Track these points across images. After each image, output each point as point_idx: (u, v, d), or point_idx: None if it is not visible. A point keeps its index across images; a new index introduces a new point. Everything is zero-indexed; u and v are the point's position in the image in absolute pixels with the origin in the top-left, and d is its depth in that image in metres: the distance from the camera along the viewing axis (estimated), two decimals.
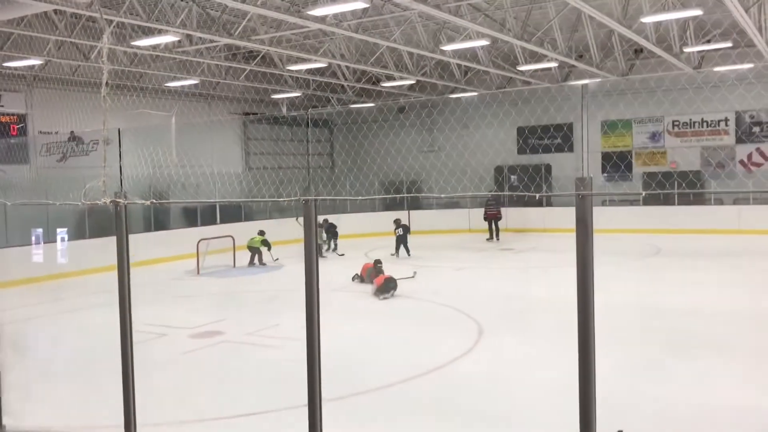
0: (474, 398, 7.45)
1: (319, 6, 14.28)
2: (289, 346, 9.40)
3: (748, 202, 23.73)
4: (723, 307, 11.70)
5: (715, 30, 19.62)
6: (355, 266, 16.22)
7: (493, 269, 16.92)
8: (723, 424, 6.53)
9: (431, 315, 12.15)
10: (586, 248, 3.86)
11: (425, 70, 24.06)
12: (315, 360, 3.72)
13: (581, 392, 3.85)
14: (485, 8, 17.86)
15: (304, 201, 3.47)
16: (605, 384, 5.71)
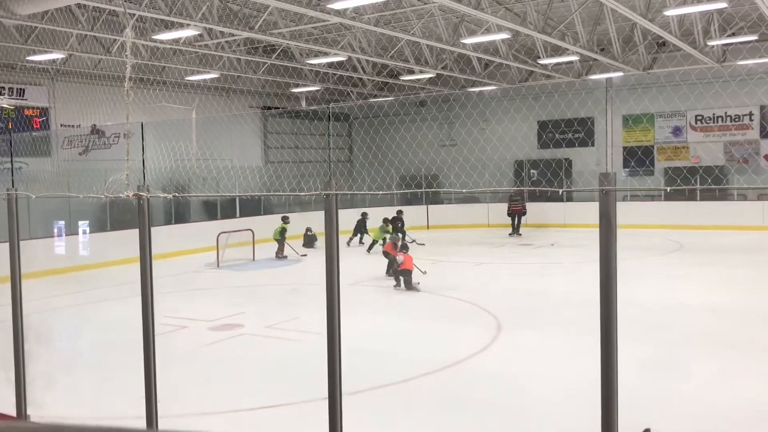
0: (492, 393, 7.43)
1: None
2: (309, 340, 9.42)
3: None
4: (746, 305, 11.56)
5: (741, 23, 19.31)
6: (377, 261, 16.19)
7: (512, 264, 16.84)
8: (745, 422, 6.45)
9: (450, 310, 12.13)
10: (609, 244, 3.82)
11: (445, 64, 23.96)
12: (336, 354, 3.72)
13: (603, 389, 3.81)
14: (506, 1, 17.73)
15: (325, 195, 3.46)
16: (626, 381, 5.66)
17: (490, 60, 23.18)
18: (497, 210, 26.78)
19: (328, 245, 3.61)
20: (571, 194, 26.16)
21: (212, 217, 22.92)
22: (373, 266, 17.76)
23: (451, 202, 29.18)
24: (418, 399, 7.39)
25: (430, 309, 12.37)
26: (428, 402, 7.29)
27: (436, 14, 18.23)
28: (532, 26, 17.34)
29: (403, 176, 29.60)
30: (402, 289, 13.59)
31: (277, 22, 17.62)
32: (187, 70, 23.60)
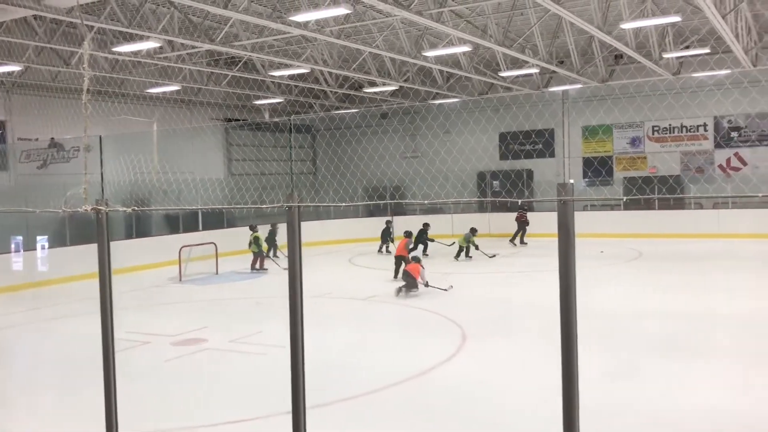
0: (457, 403, 7.47)
1: (302, 12, 14.28)
2: (273, 353, 9.36)
3: (727, 206, 24.00)
4: (704, 311, 11.82)
5: (693, 36, 19.87)
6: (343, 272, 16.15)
7: (477, 274, 16.96)
8: (704, 426, 6.59)
9: (415, 320, 12.16)
10: (568, 253, 3.89)
11: (407, 76, 24.13)
12: (299, 366, 3.71)
13: (564, 396, 3.87)
14: (467, 15, 17.96)
15: (287, 207, 3.46)
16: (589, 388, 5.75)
17: (452, 72, 23.42)
18: (461, 221, 26.96)
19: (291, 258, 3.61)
20: (532, 204, 26.50)
21: (174, 230, 22.64)
22: (338, 277, 17.75)
23: (415, 213, 29.29)
24: (384, 410, 7.39)
25: (395, 320, 12.39)
26: (394, 413, 7.29)
27: (398, 27, 18.37)
28: (493, 39, 17.59)
29: (367, 188, 29.66)
30: (403, 294, 13.86)
31: (239, 35, 17.56)
32: (148, 83, 23.34)
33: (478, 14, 17.75)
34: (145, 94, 24.66)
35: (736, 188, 24.03)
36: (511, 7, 17.30)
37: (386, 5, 13.10)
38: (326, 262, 20.56)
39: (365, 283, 16.53)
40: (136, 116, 23.85)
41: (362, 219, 27.45)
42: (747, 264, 17.68)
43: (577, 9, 15.93)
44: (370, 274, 18.41)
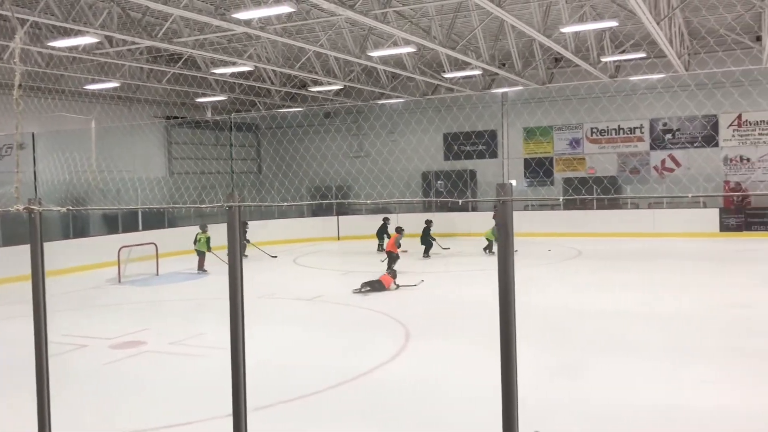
0: (401, 402, 7.51)
1: (244, 9, 14.12)
2: (214, 355, 9.23)
3: (662, 206, 24.85)
4: (641, 308, 12.18)
5: (629, 41, 20.48)
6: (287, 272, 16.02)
7: (420, 273, 17.07)
8: (642, 422, 6.80)
9: (360, 320, 12.18)
10: (507, 252, 3.96)
11: (352, 76, 24.13)
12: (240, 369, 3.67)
13: (504, 394, 3.94)
14: (411, 16, 18.06)
15: (227, 207, 3.42)
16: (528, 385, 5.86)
17: (396, 73, 23.53)
18: (407, 220, 27.11)
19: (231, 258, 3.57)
20: (476, 204, 26.89)
21: (113, 230, 22.08)
22: (282, 278, 17.62)
23: (361, 212, 29.34)
24: (328, 410, 7.37)
25: (340, 320, 12.38)
26: (336, 413, 7.28)
27: (343, 26, 18.36)
28: (436, 41, 17.74)
29: (311, 187, 29.56)
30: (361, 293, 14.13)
31: (181, 31, 17.24)
32: (86, 79, 22.68)
33: (423, 15, 17.88)
34: (83, 90, 23.97)
35: (668, 189, 24.91)
36: (455, 9, 17.50)
37: (330, 4, 13.07)
38: (270, 263, 20.38)
39: (310, 284, 16.47)
40: (72, 113, 23.16)
41: (307, 219, 27.36)
42: (681, 262, 18.31)
43: (519, 12, 16.20)
44: (315, 274, 18.35)
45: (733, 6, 17.86)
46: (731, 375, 8.07)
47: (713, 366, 8.43)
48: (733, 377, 7.97)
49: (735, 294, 13.07)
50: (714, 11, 18.28)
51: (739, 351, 9.04)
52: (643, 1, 13.45)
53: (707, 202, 24.69)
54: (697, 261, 18.56)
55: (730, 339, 9.74)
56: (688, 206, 24.63)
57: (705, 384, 7.74)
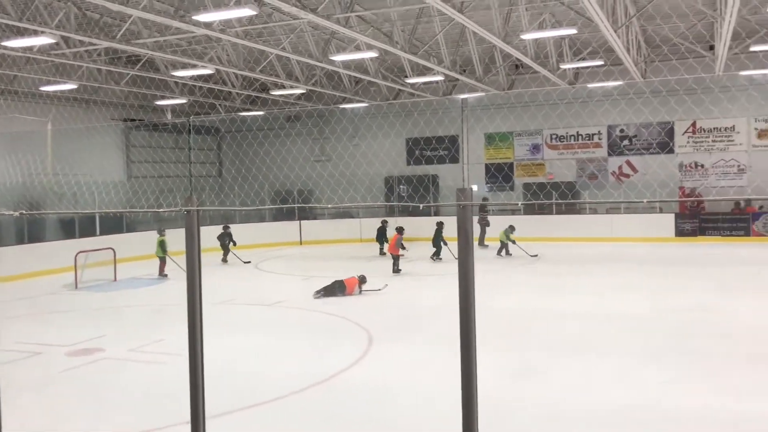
0: (363, 407, 7.51)
1: (206, 11, 13.98)
2: (173, 362, 9.11)
3: (619, 211, 25.33)
4: (599, 311, 12.39)
5: (587, 48, 20.85)
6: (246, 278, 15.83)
7: (383, 278, 17.07)
8: (602, 422, 6.90)
9: (322, 325, 12.13)
10: (467, 256, 3.99)
11: (316, 80, 24.07)
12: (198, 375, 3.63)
13: (464, 396, 3.97)
14: (374, 21, 18.11)
15: (186, 211, 3.38)
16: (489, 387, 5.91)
17: (359, 77, 23.55)
18: (369, 225, 27.13)
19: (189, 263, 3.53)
20: (438, 209, 27.04)
21: (70, 235, 21.60)
22: (243, 283, 17.46)
23: (324, 217, 29.26)
24: (289, 416, 7.33)
25: (301, 325, 12.31)
26: (300, 419, 7.24)
27: (306, 30, 18.30)
28: (399, 46, 17.82)
29: (277, 191, 29.37)
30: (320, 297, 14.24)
31: (140, 32, 16.98)
32: (42, 80, 22.18)
33: (385, 20, 17.94)
34: (39, 92, 23.43)
35: (624, 194, 25.43)
36: (417, 15, 17.59)
37: (292, 8, 13.03)
38: (231, 268, 20.18)
39: (272, 289, 16.34)
40: (27, 115, 22.63)
41: (269, 224, 27.16)
42: (638, 266, 18.67)
43: (480, 18, 16.36)
44: (277, 280, 18.23)
45: (686, 15, 18.32)
46: (687, 376, 8.25)
47: (669, 367, 8.61)
48: (689, 378, 8.15)
49: (690, 297, 13.37)
50: (668, 20, 18.73)
51: (695, 353, 9.25)
52: (601, 9, 13.71)
53: (663, 208, 25.25)
54: (653, 265, 18.94)
55: (686, 341, 9.96)
56: (645, 211, 25.16)
57: (662, 385, 7.90)
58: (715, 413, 6.94)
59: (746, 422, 6.70)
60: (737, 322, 11.15)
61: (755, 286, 14.91)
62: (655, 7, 17.58)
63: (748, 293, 13.91)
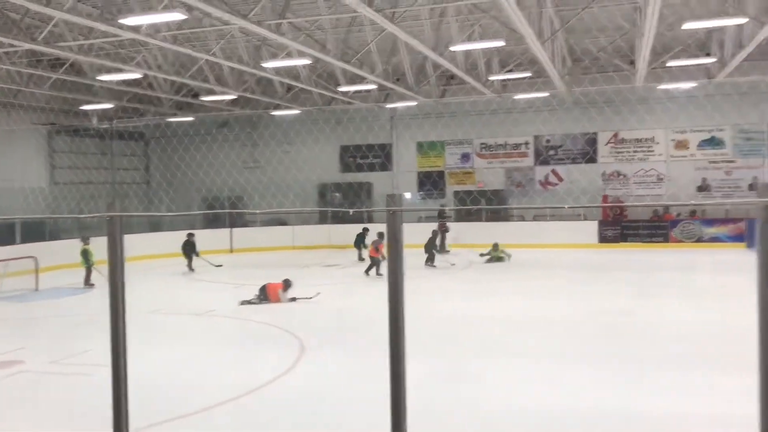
0: (295, 415, 7.48)
1: (133, 15, 13.66)
2: (98, 374, 8.83)
3: (546, 219, 26.05)
4: (526, 315, 12.71)
5: (515, 60, 21.41)
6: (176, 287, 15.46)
7: (316, 286, 17.03)
8: (529, 424, 7.08)
9: (254, 334, 12.01)
10: (396, 262, 4.06)
11: (247, 86, 23.82)
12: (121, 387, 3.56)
13: (393, 401, 4.02)
14: (306, 28, 18.09)
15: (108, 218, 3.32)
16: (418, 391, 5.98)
17: (292, 84, 23.46)
18: (302, 232, 27.01)
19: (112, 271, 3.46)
20: (372, 216, 27.17)
21: None
22: (173, 292, 17.10)
23: (255, 224, 28.94)
24: (219, 427, 7.23)
25: (232, 334, 12.16)
26: (230, 429, 7.15)
27: (237, 36, 18.12)
28: (331, 54, 17.85)
29: (206, 198, 28.86)
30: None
31: (64, 35, 16.45)
32: None
33: (317, 28, 17.95)
34: None
35: (550, 203, 26.22)
36: (349, 24, 17.69)
37: (224, 13, 12.89)
38: (160, 277, 19.73)
39: (202, 298, 16.04)
40: None
41: (199, 231, 26.62)
42: (563, 272, 19.25)
43: (412, 30, 16.57)
44: (207, 288, 17.91)
45: (609, 30, 19.06)
46: (610, 378, 8.55)
47: (592, 370, 8.91)
48: (612, 380, 8.45)
49: (613, 301, 13.88)
50: (590, 35, 19.45)
51: (617, 356, 9.60)
52: (528, 23, 14.13)
53: (587, 215, 26.11)
54: (577, 270, 19.57)
55: (608, 344, 10.33)
56: (570, 219, 25.96)
57: (585, 387, 8.17)
58: (639, 413, 7.22)
59: (670, 420, 7.00)
60: (659, 325, 11.63)
61: (672, 290, 15.59)
62: (579, 22, 18.24)
63: (668, 297, 14.54)
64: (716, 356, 9.23)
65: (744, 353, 5.66)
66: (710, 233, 23.88)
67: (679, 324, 11.65)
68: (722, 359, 8.96)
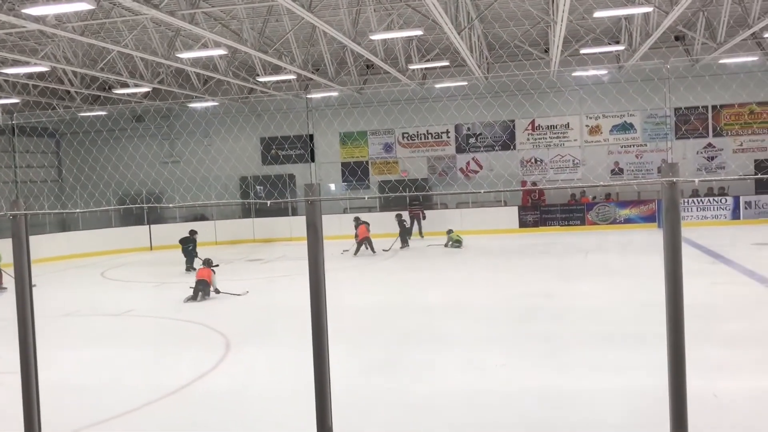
0: (221, 412, 7.34)
1: (37, 5, 13.00)
2: (9, 381, 8.41)
3: (468, 206, 26.52)
4: (447, 302, 12.89)
5: (434, 50, 21.63)
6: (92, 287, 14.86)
7: (240, 281, 16.77)
8: (452, 407, 7.20)
9: (177, 333, 11.72)
10: (317, 251, 4.03)
11: (162, 78, 23.14)
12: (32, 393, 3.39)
13: (317, 392, 4.01)
14: (221, 17, 17.71)
15: (11, 216, 3.15)
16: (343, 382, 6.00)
17: (210, 76, 22.94)
18: (224, 227, 26.54)
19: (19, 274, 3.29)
20: (296, 209, 26.98)
21: None
22: (89, 293, 16.48)
23: (176, 220, 28.22)
24: (143, 429, 7.02)
25: (155, 334, 11.82)
26: (155, 430, 6.96)
27: (149, 26, 17.56)
28: (248, 43, 17.55)
29: (124, 194, 27.92)
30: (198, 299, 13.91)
31: None
32: None
33: (233, 17, 17.60)
34: None
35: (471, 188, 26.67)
36: (266, 13, 17.42)
37: (134, 3, 12.45)
38: (75, 278, 18.99)
39: (120, 298, 15.52)
40: None
41: (115, 229, 25.82)
42: (484, 258, 19.65)
43: (329, 18, 16.48)
44: (125, 288, 17.36)
45: (524, 20, 19.50)
46: (531, 358, 8.79)
47: (514, 351, 9.13)
48: (529, 361, 8.69)
49: (533, 285, 14.26)
50: (506, 26, 19.86)
51: (536, 336, 9.88)
52: (445, 12, 14.28)
53: (507, 201, 26.75)
54: (499, 256, 20.01)
55: (528, 326, 10.61)
56: (491, 205, 26.53)
57: (505, 368, 8.37)
58: (555, 390, 7.45)
59: (585, 396, 7.26)
60: (575, 306, 12.03)
61: (589, 272, 16.17)
62: (493, 13, 18.58)
63: (583, 278, 15.07)
64: (628, 333, 9.62)
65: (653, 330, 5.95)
66: (624, 215, 24.88)
67: (593, 304, 12.09)
68: (634, 336, 9.35)
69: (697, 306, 8.23)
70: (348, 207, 27.50)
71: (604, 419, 6.59)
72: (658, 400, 4.48)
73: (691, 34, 21.51)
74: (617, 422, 6.50)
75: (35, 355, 3.37)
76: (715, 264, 15.85)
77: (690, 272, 4.49)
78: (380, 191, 27.87)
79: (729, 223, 23.76)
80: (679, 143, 26.19)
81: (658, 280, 4.39)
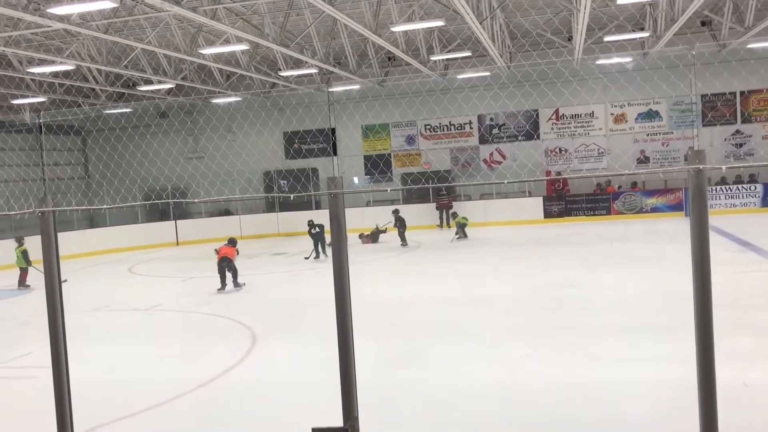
0: (247, 406, 7.41)
1: (62, 4, 13.17)
2: (45, 376, 8.57)
3: (492, 197, 26.39)
4: (471, 294, 12.86)
5: (455, 40, 21.50)
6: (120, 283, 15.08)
7: (266, 275, 16.89)
8: (477, 399, 7.18)
9: (203, 327, 11.84)
10: (341, 245, 4.04)
11: (185, 74, 23.32)
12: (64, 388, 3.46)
13: (342, 384, 4.03)
14: (243, 13, 17.79)
15: (40, 213, 3.20)
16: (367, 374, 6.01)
17: (232, 71, 23.06)
18: (249, 222, 26.73)
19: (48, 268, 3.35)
20: (319, 202, 27.06)
21: None
22: (117, 288, 16.71)
23: (201, 216, 28.49)
24: (171, 422, 7.11)
25: (182, 328, 11.95)
26: (183, 424, 7.05)
27: (172, 23, 17.69)
28: (270, 38, 17.60)
29: (149, 189, 28.23)
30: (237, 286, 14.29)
31: None
32: None
33: (254, 12, 17.66)
34: None
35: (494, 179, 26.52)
36: (287, 7, 17.45)
37: (156, 0, 12.55)
38: (104, 273, 19.26)
39: (148, 293, 15.74)
40: None
41: (142, 225, 26.13)
42: (509, 249, 19.54)
43: (350, 11, 16.45)
44: (153, 283, 17.58)
45: (546, 8, 19.30)
46: (556, 350, 8.73)
47: (537, 343, 9.07)
48: (558, 352, 8.63)
49: (557, 275, 14.15)
50: (528, 14, 19.67)
51: (562, 327, 9.81)
52: (466, 1, 14.19)
53: (532, 192, 26.55)
54: (523, 247, 19.89)
55: (553, 317, 10.54)
56: (516, 196, 26.37)
57: (531, 359, 8.33)
58: (581, 382, 7.39)
59: (613, 387, 7.20)
60: (601, 296, 11.93)
61: (615, 261, 16.01)
62: (515, 1, 18.42)
63: (609, 268, 14.92)
64: (655, 323, 9.51)
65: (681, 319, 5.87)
66: (650, 204, 24.58)
67: (618, 294, 11.97)
68: (661, 326, 9.24)
69: (726, 295, 8.12)
70: (371, 200, 27.52)
71: (632, 411, 6.53)
72: (688, 390, 4.42)
73: (717, 19, 21.12)
74: (645, 415, 6.43)
75: (66, 350, 3.42)
76: (744, 252, 15.60)
77: (718, 261, 4.42)
78: (403, 183, 27.84)
79: (759, 211, 23.34)
80: (706, 130, 25.78)
81: (685, 270, 4.34)
